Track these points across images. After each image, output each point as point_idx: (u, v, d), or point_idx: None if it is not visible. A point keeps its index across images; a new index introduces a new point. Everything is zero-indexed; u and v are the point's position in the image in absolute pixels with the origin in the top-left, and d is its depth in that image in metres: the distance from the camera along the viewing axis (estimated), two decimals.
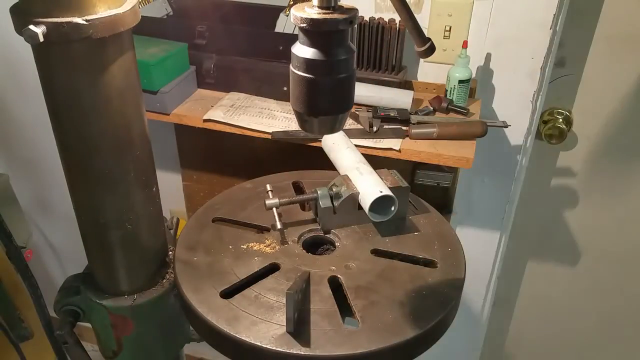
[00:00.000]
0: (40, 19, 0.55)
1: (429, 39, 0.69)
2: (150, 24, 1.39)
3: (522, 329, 1.80)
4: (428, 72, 1.33)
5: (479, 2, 1.22)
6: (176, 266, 0.74)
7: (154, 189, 0.76)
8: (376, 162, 1.17)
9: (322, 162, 0.94)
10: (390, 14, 1.26)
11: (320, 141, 1.00)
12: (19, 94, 1.71)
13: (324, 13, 0.48)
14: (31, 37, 0.54)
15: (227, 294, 0.69)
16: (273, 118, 1.26)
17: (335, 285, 0.71)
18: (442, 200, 1.40)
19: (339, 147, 0.90)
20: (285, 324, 0.63)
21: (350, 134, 1.18)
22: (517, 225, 1.57)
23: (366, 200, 0.75)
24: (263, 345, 0.61)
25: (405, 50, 1.26)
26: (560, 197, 1.50)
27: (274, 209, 0.80)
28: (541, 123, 1.42)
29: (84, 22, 0.56)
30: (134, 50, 0.66)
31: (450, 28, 1.25)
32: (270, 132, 1.20)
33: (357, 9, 0.50)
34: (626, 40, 1.28)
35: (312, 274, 0.72)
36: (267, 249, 0.76)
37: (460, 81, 1.21)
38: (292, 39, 0.85)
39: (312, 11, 0.48)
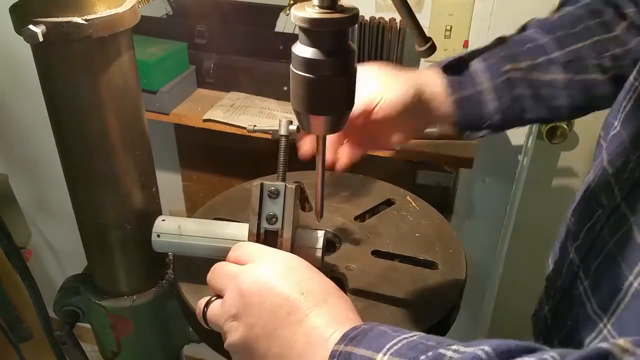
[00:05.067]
0: (40, 19, 0.55)
1: (430, 39, 0.69)
2: (150, 24, 1.39)
3: (523, 329, 1.79)
4: None
5: (480, 2, 1.22)
6: (176, 267, 0.73)
7: (154, 189, 0.76)
8: (377, 162, 1.17)
9: None
10: (391, 14, 1.26)
11: None
12: (18, 94, 1.71)
13: (324, 13, 0.48)
14: (30, 37, 0.54)
15: None
16: (273, 118, 1.26)
17: None
18: (443, 201, 1.40)
19: None
20: None
21: None
22: (519, 226, 1.56)
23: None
24: None
25: (405, 49, 1.26)
26: (562, 197, 1.50)
27: None
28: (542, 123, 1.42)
29: (84, 22, 0.56)
30: (134, 50, 0.66)
31: (451, 27, 1.25)
32: (271, 131, 1.20)
33: (357, 9, 0.49)
34: None
35: None
36: None
37: None
38: (292, 38, 0.85)
39: (312, 11, 0.48)
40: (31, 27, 0.54)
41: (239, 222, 0.81)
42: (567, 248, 0.60)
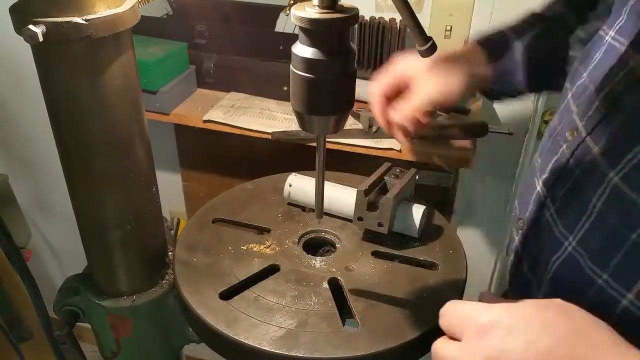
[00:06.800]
0: (40, 19, 0.55)
1: (431, 38, 0.69)
2: (150, 24, 1.39)
3: None
4: None
5: (480, 2, 1.22)
6: (175, 267, 0.73)
7: (154, 189, 0.76)
8: (376, 162, 1.17)
9: None
10: (391, 14, 1.26)
11: None
12: (18, 94, 1.71)
13: (324, 13, 0.48)
14: (30, 37, 0.54)
15: (226, 295, 0.68)
16: (273, 118, 1.25)
17: (335, 287, 0.70)
18: (443, 201, 1.40)
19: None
20: (283, 326, 0.62)
21: (351, 133, 1.17)
22: None
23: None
24: (262, 347, 0.61)
25: (406, 49, 1.26)
26: None
27: None
28: (542, 123, 1.42)
29: (84, 22, 0.56)
30: (134, 50, 0.66)
31: (451, 28, 1.25)
32: (270, 132, 1.20)
33: (357, 9, 0.49)
34: None
35: (312, 276, 0.72)
36: (267, 250, 0.76)
37: None
38: (292, 38, 0.85)
39: (312, 11, 0.48)
40: (31, 27, 0.54)
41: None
42: (533, 184, 0.66)
